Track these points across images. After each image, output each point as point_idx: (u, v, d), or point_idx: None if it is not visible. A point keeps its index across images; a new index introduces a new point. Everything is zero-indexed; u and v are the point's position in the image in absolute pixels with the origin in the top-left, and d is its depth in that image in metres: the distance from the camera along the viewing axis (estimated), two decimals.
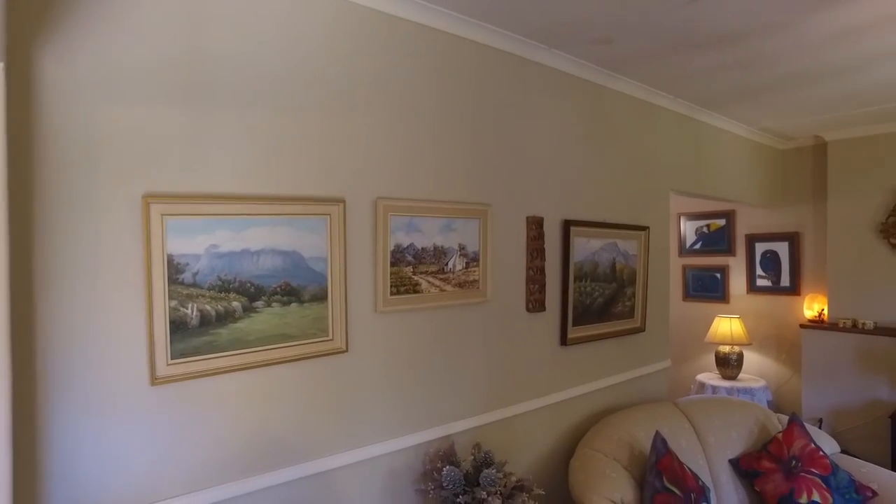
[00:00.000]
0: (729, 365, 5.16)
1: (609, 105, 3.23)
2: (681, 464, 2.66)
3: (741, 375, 5.20)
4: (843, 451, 3.26)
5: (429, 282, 2.30)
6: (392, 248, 2.17)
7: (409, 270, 2.23)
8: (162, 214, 1.63)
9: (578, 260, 2.96)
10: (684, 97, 3.65)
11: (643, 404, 3.27)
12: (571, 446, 2.93)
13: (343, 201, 2.01)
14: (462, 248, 2.40)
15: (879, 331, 4.44)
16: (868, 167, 4.58)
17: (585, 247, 3.00)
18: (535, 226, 2.72)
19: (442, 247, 2.33)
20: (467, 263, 2.43)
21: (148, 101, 1.63)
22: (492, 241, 2.52)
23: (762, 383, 5.08)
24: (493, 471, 2.15)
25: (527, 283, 2.71)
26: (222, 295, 1.76)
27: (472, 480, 2.15)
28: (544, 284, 2.78)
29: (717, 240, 5.61)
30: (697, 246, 5.77)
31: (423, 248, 2.27)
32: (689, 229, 5.82)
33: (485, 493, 2.09)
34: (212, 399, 1.77)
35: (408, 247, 2.22)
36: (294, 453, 1.97)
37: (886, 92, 3.60)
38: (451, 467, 2.13)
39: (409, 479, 2.27)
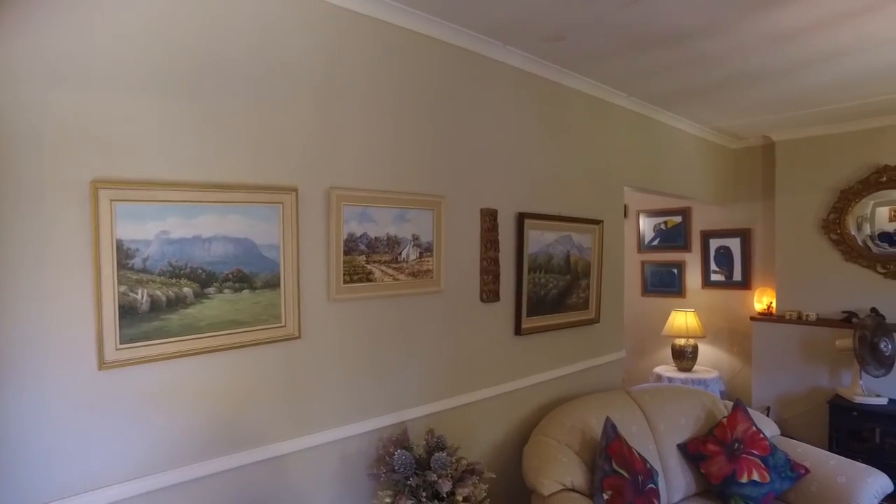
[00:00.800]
0: (684, 357, 5.34)
1: (565, 102, 3.32)
2: (630, 448, 2.76)
3: (696, 367, 5.38)
4: (786, 435, 3.42)
5: (382, 271, 2.34)
6: (345, 237, 2.21)
7: (362, 259, 2.27)
8: (111, 200, 1.65)
9: (533, 252, 3.05)
10: (638, 95, 3.77)
11: (596, 393, 3.37)
12: (526, 434, 3.00)
13: (296, 190, 2.05)
14: (416, 238, 2.46)
15: (821, 322, 4.65)
16: (812, 167, 4.79)
17: (540, 239, 3.08)
18: (490, 217, 2.80)
19: (395, 236, 2.38)
20: (421, 253, 2.48)
21: (98, 88, 1.64)
22: (446, 232, 2.58)
23: (715, 374, 5.27)
24: (445, 454, 2.21)
25: (481, 274, 2.78)
26: (173, 281, 1.78)
27: (423, 464, 2.20)
28: (498, 275, 2.85)
29: (675, 236, 5.78)
30: (655, 242, 5.93)
31: (376, 238, 2.31)
32: (647, 226, 5.98)
33: (435, 475, 2.14)
34: (162, 384, 1.79)
35: (361, 236, 2.27)
36: (246, 438, 1.99)
37: (825, 94, 3.78)
38: (403, 451, 2.18)
39: (362, 464, 2.31)
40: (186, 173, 1.81)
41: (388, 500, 2.13)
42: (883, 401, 4.15)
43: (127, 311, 1.69)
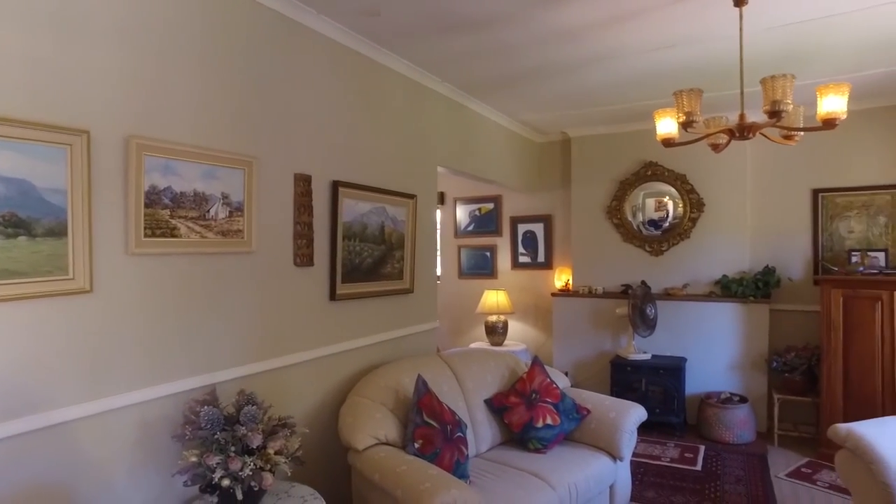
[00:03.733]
0: (496, 333, 5.82)
1: (381, 80, 3.46)
2: (440, 402, 2.96)
3: (506, 341, 5.89)
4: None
5: (189, 227, 2.26)
6: (147, 188, 2.10)
7: (166, 214, 2.17)
8: None
9: (348, 220, 3.13)
10: (451, 82, 4.05)
11: (411, 357, 3.56)
12: (343, 397, 3.06)
13: (87, 132, 1.90)
14: (225, 196, 2.41)
15: (606, 294, 5.40)
16: (600, 161, 5.54)
17: (354, 208, 3.18)
18: (304, 183, 2.83)
19: (203, 193, 2.32)
20: (231, 213, 2.44)
21: None
22: (257, 193, 2.56)
23: (523, 347, 5.82)
24: (255, 408, 2.20)
25: (294, 238, 2.80)
26: None
27: (232, 420, 2.17)
28: (312, 240, 2.89)
29: (488, 222, 6.27)
30: (470, 228, 6.37)
31: (181, 193, 2.23)
32: (462, 213, 6.41)
33: (245, 429, 2.12)
34: None
35: (165, 189, 2.17)
36: (23, 404, 1.80)
37: (606, 94, 4.39)
38: (211, 408, 2.13)
39: (166, 429, 2.20)
40: None
41: (193, 458, 2.06)
42: (648, 356, 4.96)
43: None
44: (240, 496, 2.04)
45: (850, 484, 2.74)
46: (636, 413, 3.35)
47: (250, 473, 2.06)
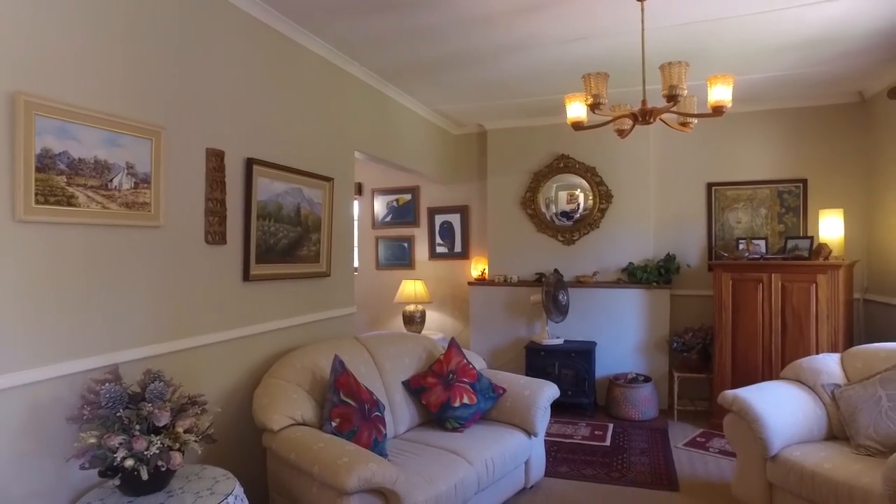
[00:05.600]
0: (414, 322, 5.85)
1: (298, 60, 3.40)
2: (357, 381, 2.95)
3: (424, 330, 5.92)
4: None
5: (89, 197, 2.12)
6: (38, 151, 1.95)
7: (61, 180, 2.03)
8: None
9: (262, 199, 3.04)
10: (368, 66, 4.04)
11: (328, 339, 3.51)
12: (258, 380, 2.97)
13: None
14: (130, 166, 2.28)
15: (521, 283, 5.57)
16: (514, 153, 5.70)
17: (269, 187, 3.10)
18: (216, 158, 2.72)
19: (105, 161, 2.18)
20: (136, 184, 2.31)
21: None
22: (166, 165, 2.44)
23: (441, 335, 5.87)
24: (162, 385, 2.10)
25: (206, 215, 2.69)
26: None
27: (137, 398, 2.06)
28: (225, 217, 2.79)
29: (405, 213, 6.29)
30: (388, 219, 6.37)
31: (80, 159, 2.09)
32: (380, 204, 6.39)
33: (151, 406, 2.02)
34: None
35: (60, 154, 2.02)
36: None
37: (520, 86, 4.53)
38: (112, 385, 2.01)
39: (60, 412, 2.04)
40: None
41: (92, 440, 1.94)
42: (560, 341, 5.17)
43: None
44: (145, 476, 1.93)
45: (735, 443, 3.01)
46: (549, 390, 3.49)
47: (157, 452, 1.96)
